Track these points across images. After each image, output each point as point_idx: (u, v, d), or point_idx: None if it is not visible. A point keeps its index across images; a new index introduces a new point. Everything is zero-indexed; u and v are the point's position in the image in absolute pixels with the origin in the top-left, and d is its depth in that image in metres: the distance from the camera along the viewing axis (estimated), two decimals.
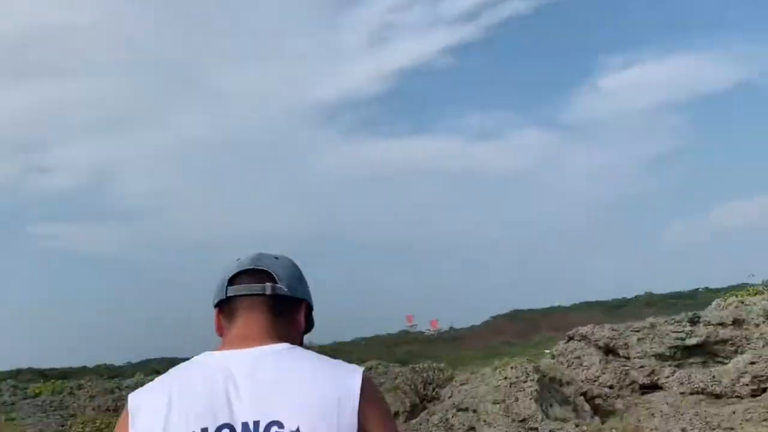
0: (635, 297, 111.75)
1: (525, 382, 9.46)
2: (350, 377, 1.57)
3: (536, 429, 9.05)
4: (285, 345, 1.65)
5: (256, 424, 1.50)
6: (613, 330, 13.22)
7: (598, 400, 10.66)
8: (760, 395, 11.02)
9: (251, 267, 1.71)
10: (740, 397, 11.10)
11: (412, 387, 15.44)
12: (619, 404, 11.00)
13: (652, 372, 12.27)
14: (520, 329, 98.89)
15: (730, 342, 12.08)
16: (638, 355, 12.59)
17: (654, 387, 12.27)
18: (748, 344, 12.05)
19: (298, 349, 1.65)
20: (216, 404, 1.53)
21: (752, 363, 11.22)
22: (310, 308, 1.80)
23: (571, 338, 13.80)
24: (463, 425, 9.44)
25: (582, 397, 10.50)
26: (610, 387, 12.12)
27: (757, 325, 12.51)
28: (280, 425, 1.49)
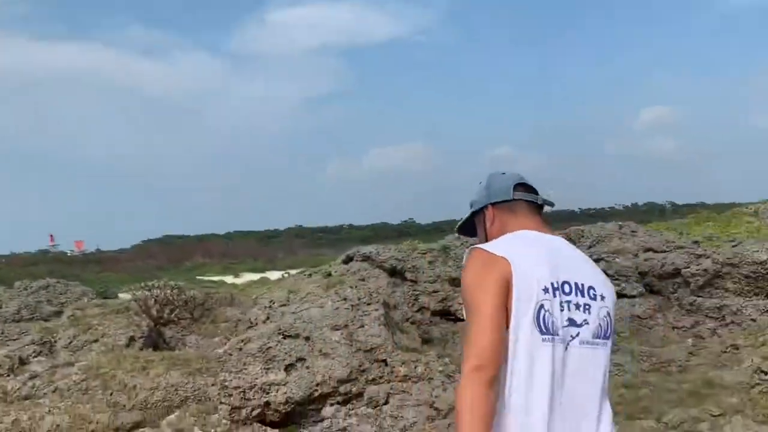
0: (287, 229, 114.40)
1: (369, 304, 7.62)
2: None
3: (385, 361, 7.30)
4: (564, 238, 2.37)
5: (582, 285, 2.16)
6: (399, 251, 11.89)
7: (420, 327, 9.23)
8: None
9: (524, 181, 2.39)
10: None
11: (145, 309, 12.78)
12: (435, 332, 9.70)
13: (445, 298, 11.17)
14: (173, 255, 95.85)
15: None
16: (429, 279, 11.40)
17: (446, 313, 11.20)
18: None
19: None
20: (557, 266, 2.14)
21: None
22: None
23: (351, 258, 12.21)
24: (290, 355, 7.36)
25: (408, 323, 9.00)
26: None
27: None
28: (595, 289, 2.19)
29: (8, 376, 9.90)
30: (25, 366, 10.56)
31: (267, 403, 7.20)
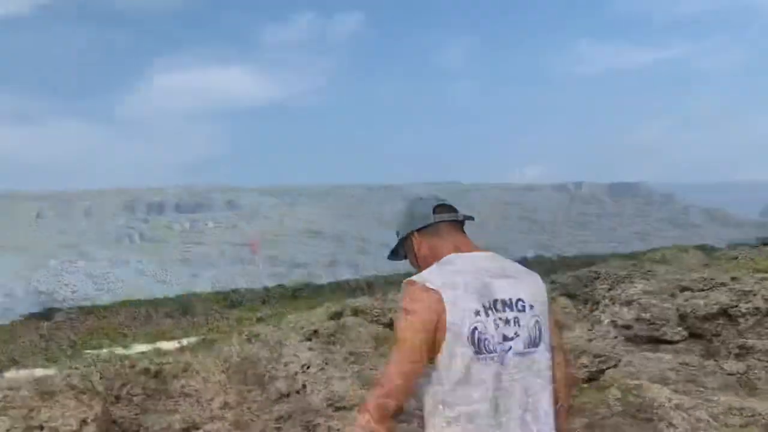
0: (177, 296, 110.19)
1: None
2: (541, 281, 2.43)
3: None
4: (491, 252, 2.45)
5: (510, 300, 2.29)
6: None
7: None
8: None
9: (442, 202, 2.50)
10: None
11: (90, 386, 10.73)
12: None
13: None
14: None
15: None
16: None
17: None
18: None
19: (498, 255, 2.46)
20: (486, 286, 2.27)
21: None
22: None
23: (339, 314, 10.64)
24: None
25: None
26: None
27: None
28: (523, 301, 2.31)
29: None
30: None
31: None
